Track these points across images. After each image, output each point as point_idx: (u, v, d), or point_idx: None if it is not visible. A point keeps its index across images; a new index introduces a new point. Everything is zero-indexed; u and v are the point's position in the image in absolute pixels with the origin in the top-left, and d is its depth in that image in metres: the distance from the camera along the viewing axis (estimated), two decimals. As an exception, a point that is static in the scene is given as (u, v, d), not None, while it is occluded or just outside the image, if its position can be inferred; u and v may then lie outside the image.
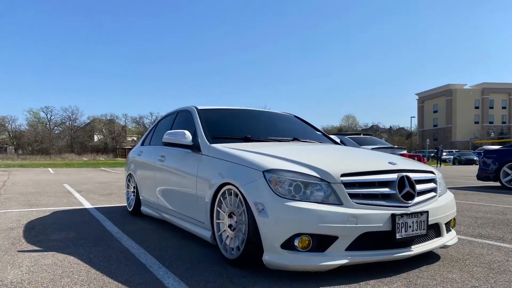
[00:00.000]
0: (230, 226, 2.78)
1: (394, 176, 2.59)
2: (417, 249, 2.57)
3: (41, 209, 5.57)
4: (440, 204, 2.77)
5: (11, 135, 57.51)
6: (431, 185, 2.84)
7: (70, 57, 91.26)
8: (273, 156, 2.75)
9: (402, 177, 2.60)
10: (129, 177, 5.22)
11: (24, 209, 5.53)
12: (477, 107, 73.54)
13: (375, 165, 2.69)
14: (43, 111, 60.15)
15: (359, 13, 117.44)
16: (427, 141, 43.02)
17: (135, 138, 62.88)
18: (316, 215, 2.31)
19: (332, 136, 4.34)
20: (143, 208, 4.72)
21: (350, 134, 10.80)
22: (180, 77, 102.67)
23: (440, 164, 28.65)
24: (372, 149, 7.80)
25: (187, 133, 3.46)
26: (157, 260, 2.88)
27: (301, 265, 2.34)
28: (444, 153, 38.48)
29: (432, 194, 2.79)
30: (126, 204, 5.48)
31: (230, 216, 2.79)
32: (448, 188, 3.52)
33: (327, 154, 3.20)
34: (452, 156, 37.82)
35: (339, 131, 67.57)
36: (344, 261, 2.34)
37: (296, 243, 2.33)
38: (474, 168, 19.89)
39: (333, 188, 2.43)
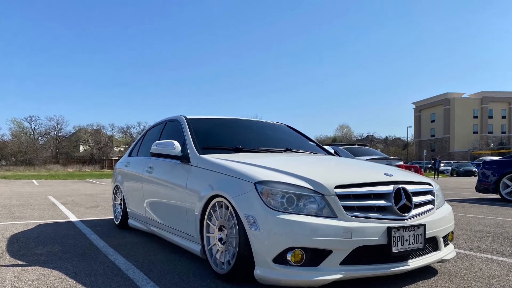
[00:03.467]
0: (220, 239, 2.72)
1: (390, 188, 2.53)
2: (414, 263, 2.50)
3: (25, 222, 5.45)
4: (438, 217, 2.71)
5: (-6, 146, 56.62)
6: (429, 197, 2.78)
7: (55, 65, 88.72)
8: (264, 167, 2.70)
9: (399, 189, 2.54)
10: (116, 189, 5.14)
11: (7, 222, 5.40)
12: (476, 117, 71.81)
13: (370, 177, 2.63)
14: (27, 120, 58.94)
15: (354, 19, 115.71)
16: (424, 151, 43.20)
17: (122, 149, 61.71)
18: (309, 228, 2.25)
19: (326, 147, 4.31)
20: (131, 221, 4.63)
21: (345, 145, 10.76)
22: (169, 85, 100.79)
23: (438, 176, 28.72)
24: (367, 160, 7.75)
25: (176, 143, 3.40)
26: (145, 275, 2.81)
27: (294, 280, 2.27)
28: (442, 164, 38.61)
29: (430, 206, 2.74)
30: (113, 217, 5.40)
31: (220, 229, 2.73)
32: (446, 200, 3.45)
33: (320, 165, 3.15)
34: (450, 167, 37.67)
35: (333, 142, 67.97)
36: (338, 276, 2.27)
37: (288, 257, 2.27)
38: (473, 180, 19.91)
39: (327, 200, 2.37)
